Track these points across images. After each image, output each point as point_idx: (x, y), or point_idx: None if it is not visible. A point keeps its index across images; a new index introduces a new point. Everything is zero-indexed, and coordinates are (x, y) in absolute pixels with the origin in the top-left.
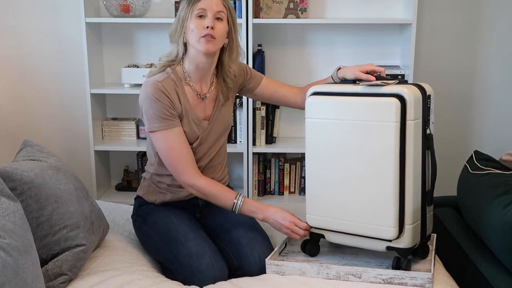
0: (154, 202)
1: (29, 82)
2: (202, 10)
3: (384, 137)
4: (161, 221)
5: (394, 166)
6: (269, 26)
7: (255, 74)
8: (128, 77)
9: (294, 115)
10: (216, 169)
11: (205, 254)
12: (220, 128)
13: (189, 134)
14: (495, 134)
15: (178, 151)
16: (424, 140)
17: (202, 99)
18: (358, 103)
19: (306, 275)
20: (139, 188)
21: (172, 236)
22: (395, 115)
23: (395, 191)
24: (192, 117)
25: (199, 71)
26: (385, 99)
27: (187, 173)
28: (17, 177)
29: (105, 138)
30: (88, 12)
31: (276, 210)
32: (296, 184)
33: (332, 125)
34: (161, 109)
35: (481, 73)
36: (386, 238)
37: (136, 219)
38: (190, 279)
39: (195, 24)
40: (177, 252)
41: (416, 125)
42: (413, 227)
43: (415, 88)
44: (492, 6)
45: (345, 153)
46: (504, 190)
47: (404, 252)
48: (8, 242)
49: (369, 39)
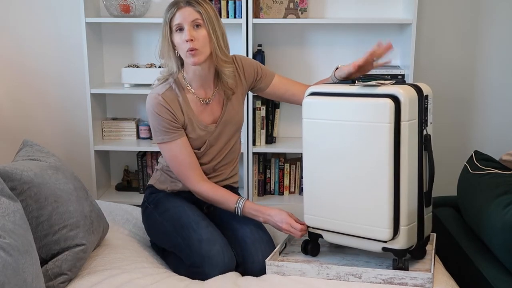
0: (165, 190)
1: (29, 82)
2: (178, 25)
3: (378, 138)
4: (174, 208)
5: (389, 167)
6: (269, 26)
7: (266, 73)
8: (128, 77)
9: (294, 115)
10: (228, 166)
11: (216, 242)
12: (231, 129)
13: (195, 140)
14: (495, 134)
15: (181, 160)
16: (420, 141)
17: (207, 104)
18: (353, 104)
19: (306, 276)
20: (151, 178)
21: (184, 222)
22: (389, 116)
23: (390, 192)
24: (197, 124)
25: (199, 78)
26: (379, 100)
27: (190, 180)
28: (17, 177)
29: (105, 138)
30: (88, 12)
31: (275, 212)
32: (296, 184)
33: (327, 125)
34: (163, 123)
35: (482, 73)
36: (381, 239)
37: (147, 206)
38: (199, 264)
39: (177, 39)
40: (188, 237)
41: (411, 126)
42: (408, 228)
43: (411, 88)
44: (492, 6)
45: (340, 154)
46: (504, 190)
47: (400, 253)
48: (8, 242)
49: (369, 39)
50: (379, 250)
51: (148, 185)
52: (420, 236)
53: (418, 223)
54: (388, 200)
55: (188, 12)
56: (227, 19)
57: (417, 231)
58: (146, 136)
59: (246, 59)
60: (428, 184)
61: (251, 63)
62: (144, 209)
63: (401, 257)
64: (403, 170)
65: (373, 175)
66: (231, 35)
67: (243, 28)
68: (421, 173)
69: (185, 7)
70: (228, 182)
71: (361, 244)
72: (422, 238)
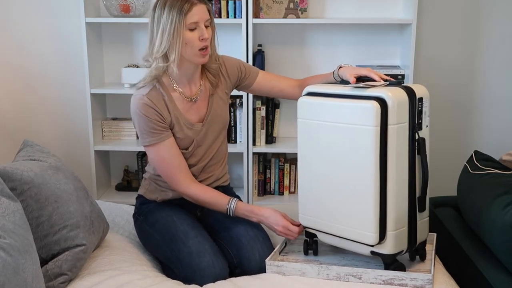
0: (156, 200)
1: (29, 82)
2: (195, 22)
3: (364, 141)
4: (162, 219)
5: (374, 171)
6: (269, 26)
7: (250, 71)
8: (128, 77)
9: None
10: (217, 166)
11: (205, 252)
12: (217, 128)
13: (183, 140)
14: (495, 134)
15: (169, 162)
16: (412, 145)
17: (194, 102)
18: (341, 105)
19: (306, 276)
20: (140, 187)
21: (173, 234)
22: (375, 119)
23: (375, 196)
24: (184, 123)
25: (187, 75)
26: (366, 103)
27: (180, 183)
28: (17, 177)
29: (105, 138)
30: (88, 12)
31: (269, 213)
32: (296, 184)
33: (319, 126)
34: (150, 124)
35: (481, 73)
36: (367, 243)
37: (137, 218)
38: (191, 277)
39: (190, 37)
40: (178, 251)
41: (399, 130)
42: (396, 233)
43: (402, 91)
44: (492, 6)
45: (330, 155)
46: (504, 190)
47: (388, 258)
48: (8, 242)
49: (369, 39)
50: (368, 253)
51: (138, 195)
52: (412, 242)
53: (410, 228)
54: (374, 204)
55: (203, 10)
56: (227, 19)
57: (408, 236)
58: None
59: (229, 58)
60: (422, 188)
61: (234, 62)
62: (135, 220)
63: (390, 262)
64: (390, 174)
65: (359, 178)
66: (231, 35)
67: (243, 28)
68: (413, 177)
69: (200, 4)
70: (218, 183)
71: (351, 246)
72: (414, 244)
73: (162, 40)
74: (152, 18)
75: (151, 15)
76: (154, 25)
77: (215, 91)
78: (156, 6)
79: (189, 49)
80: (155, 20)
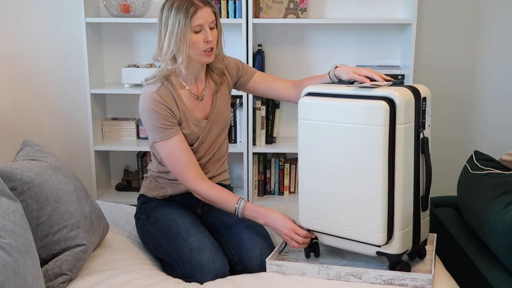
0: (157, 197)
1: (29, 82)
2: (200, 25)
3: (372, 141)
4: (164, 218)
5: (382, 171)
6: (269, 26)
7: (247, 69)
8: (128, 77)
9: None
10: (218, 163)
11: (206, 249)
12: (220, 125)
13: (189, 136)
14: (495, 134)
15: (179, 158)
16: (417, 145)
17: (200, 100)
18: (348, 105)
19: (306, 275)
20: (142, 187)
21: (174, 232)
22: (384, 119)
23: (384, 196)
24: (191, 119)
25: (194, 73)
26: (374, 102)
27: (189, 179)
28: (17, 177)
29: (105, 138)
30: (88, 12)
31: (277, 215)
32: (296, 184)
33: (323, 127)
34: (160, 120)
35: (481, 73)
36: (375, 244)
37: (139, 217)
38: (191, 274)
39: (194, 39)
40: (178, 247)
41: (406, 129)
42: (403, 233)
43: (408, 91)
44: (492, 5)
45: (335, 156)
46: (504, 190)
47: (394, 258)
48: (8, 242)
49: (369, 39)
50: (374, 254)
51: (140, 194)
52: (416, 241)
53: (414, 228)
54: (382, 204)
55: (208, 13)
56: (227, 19)
57: (412, 235)
58: (146, 136)
59: (228, 57)
60: (425, 188)
61: (233, 60)
62: (137, 220)
63: (396, 262)
64: (397, 174)
65: (367, 178)
66: (231, 35)
67: (243, 28)
68: (418, 177)
69: (205, 7)
70: (217, 180)
71: (355, 247)
72: (418, 243)
73: (170, 43)
74: (160, 19)
75: (159, 16)
76: (162, 26)
77: (219, 88)
78: (163, 7)
79: (195, 50)
80: (162, 21)
